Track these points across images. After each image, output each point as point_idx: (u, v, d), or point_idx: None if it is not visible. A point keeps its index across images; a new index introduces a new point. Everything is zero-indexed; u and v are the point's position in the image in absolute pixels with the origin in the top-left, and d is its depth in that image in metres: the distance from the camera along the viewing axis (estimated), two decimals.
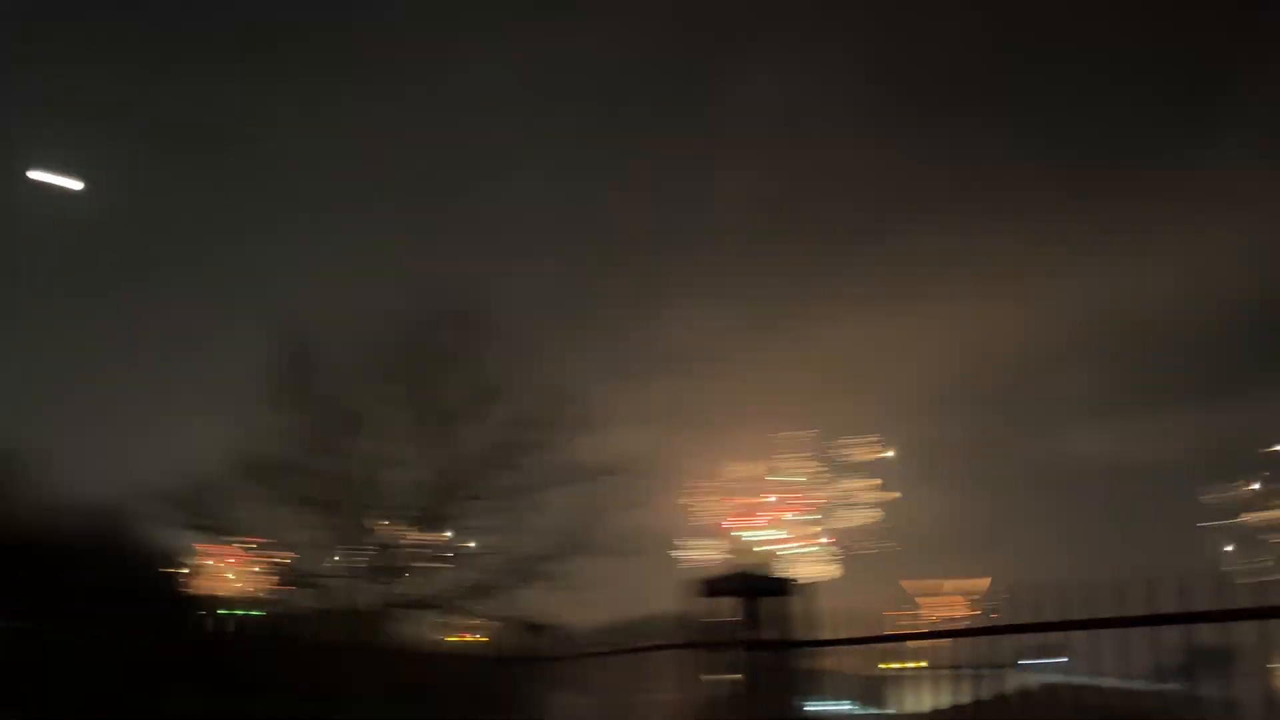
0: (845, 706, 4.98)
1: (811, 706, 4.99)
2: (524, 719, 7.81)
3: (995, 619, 4.17)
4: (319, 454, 19.40)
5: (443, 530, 19.87)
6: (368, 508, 19.37)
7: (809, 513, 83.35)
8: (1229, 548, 72.39)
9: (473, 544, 20.12)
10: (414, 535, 19.60)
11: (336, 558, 19.30)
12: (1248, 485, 72.83)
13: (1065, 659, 4.17)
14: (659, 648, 5.96)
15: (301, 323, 20.12)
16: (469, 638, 19.09)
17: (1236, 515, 73.39)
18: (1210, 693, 3.46)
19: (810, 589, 4.97)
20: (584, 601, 19.90)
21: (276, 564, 19.26)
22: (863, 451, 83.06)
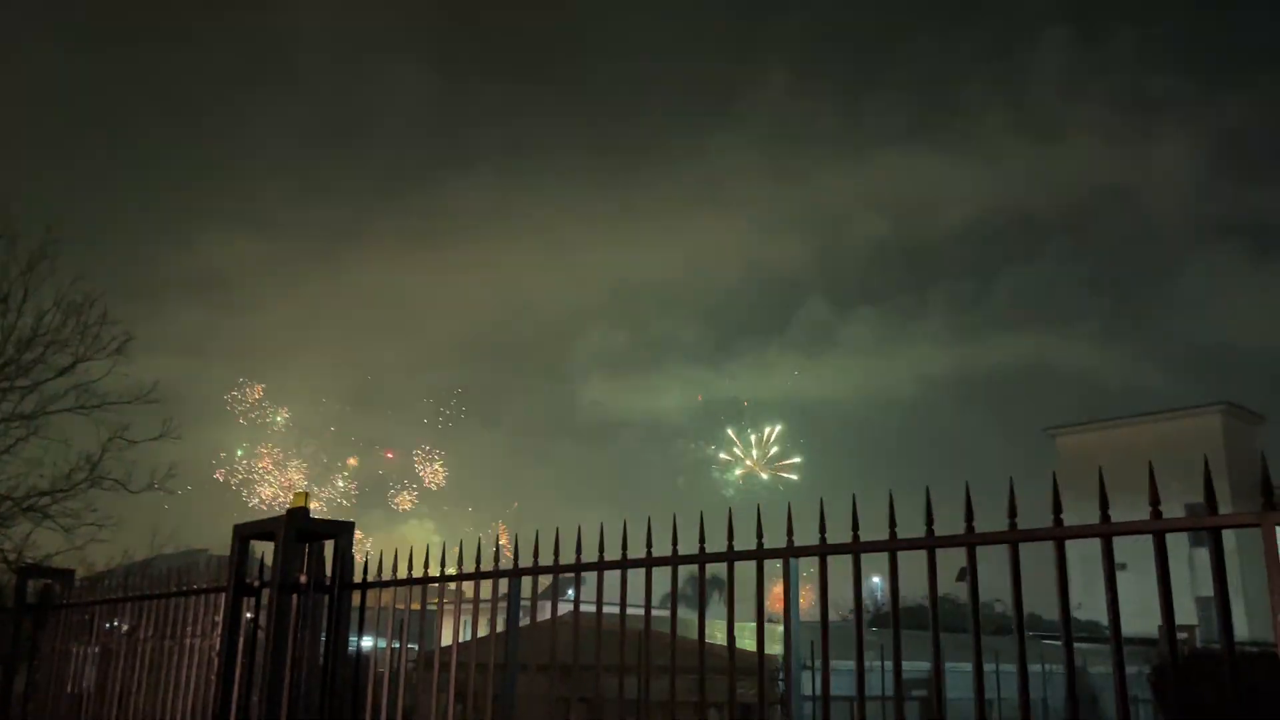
0: (381, 643, 5.15)
1: (350, 644, 5.09)
2: (7, 672, 7.05)
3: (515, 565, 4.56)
4: None
5: None
6: None
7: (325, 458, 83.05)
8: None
9: None
10: None
11: None
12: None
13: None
14: (184, 593, 5.70)
15: None
16: None
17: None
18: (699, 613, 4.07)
19: (348, 532, 5.02)
20: (99, 540, 18.18)
21: None
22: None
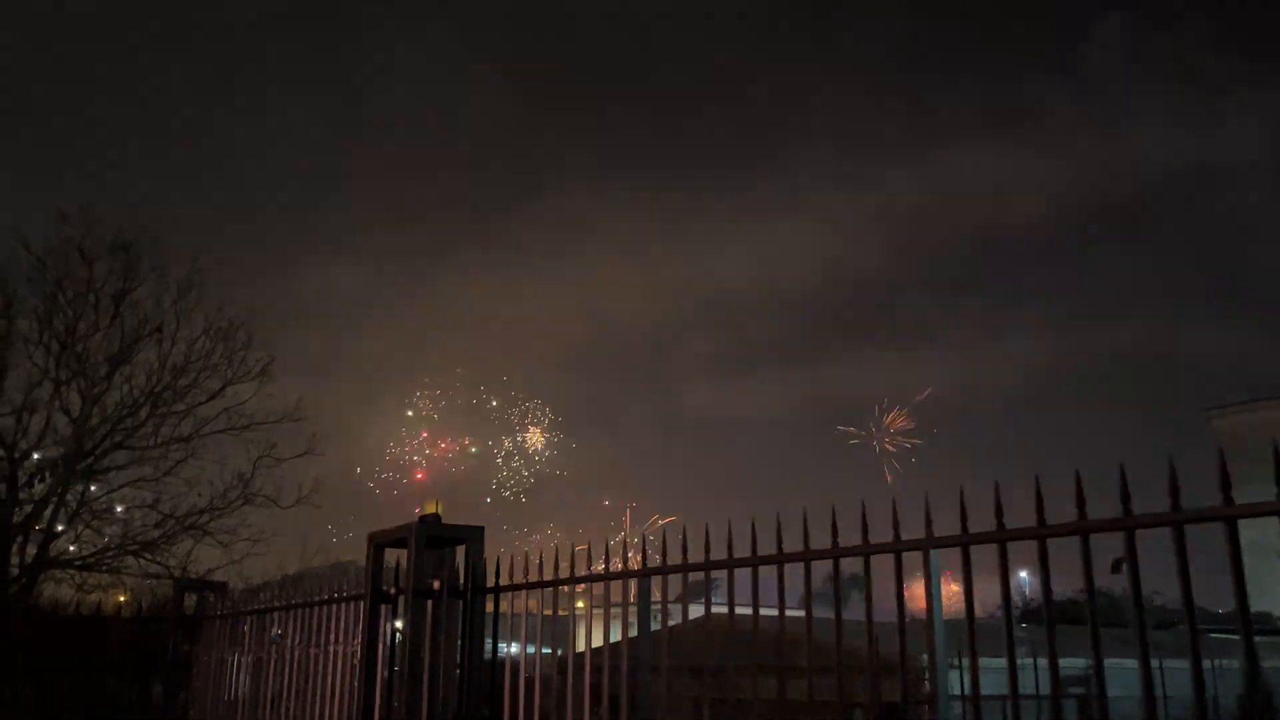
0: (520, 648, 5.14)
1: (494, 649, 5.13)
2: (169, 682, 7.39)
3: (660, 562, 4.47)
4: None
5: (85, 482, 18.14)
6: None
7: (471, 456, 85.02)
8: None
9: (123, 497, 18.59)
10: (50, 488, 17.72)
11: None
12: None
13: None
14: (326, 602, 5.85)
15: None
16: (122, 598, 17.65)
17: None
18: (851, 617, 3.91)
19: (478, 537, 5.04)
20: (255, 554, 19.05)
21: None
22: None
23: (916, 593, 3.70)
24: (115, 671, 7.46)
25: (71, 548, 18.43)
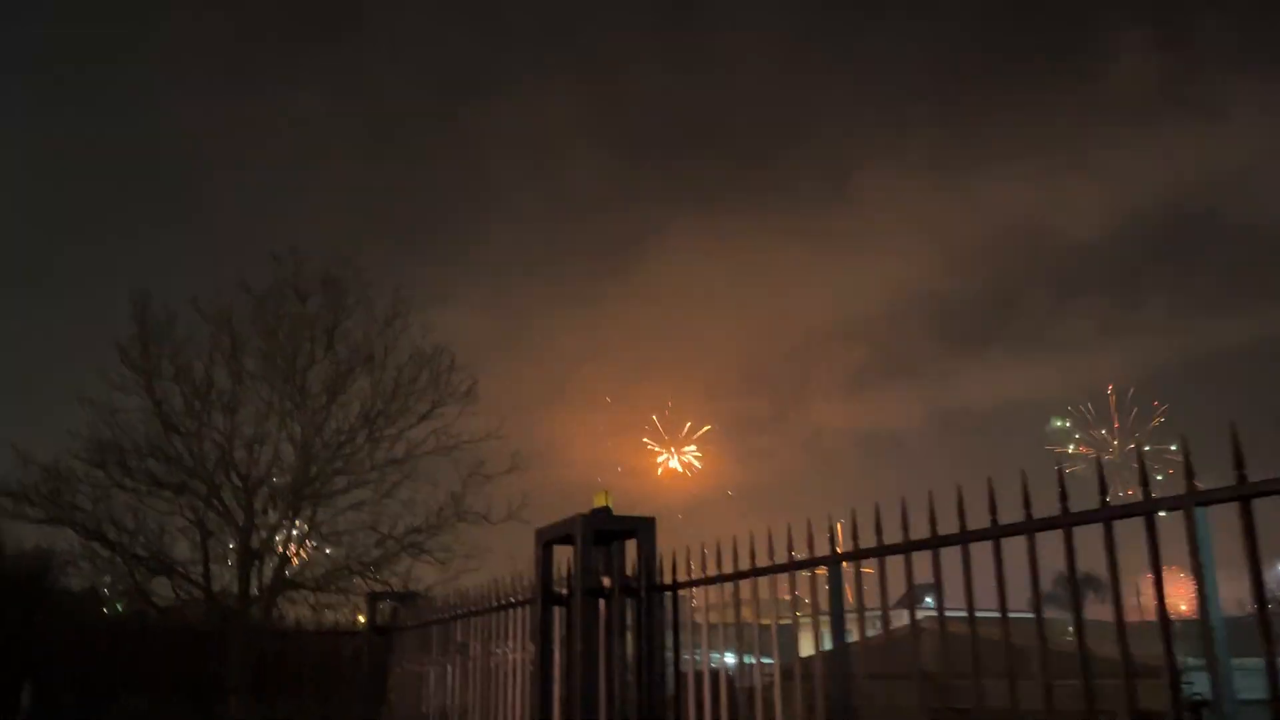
0: (717, 656, 4.57)
1: (675, 657, 4.60)
2: (377, 691, 7.31)
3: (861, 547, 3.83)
4: (176, 434, 18.32)
5: (311, 507, 19.08)
6: (232, 488, 18.41)
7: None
8: None
9: (343, 520, 19.42)
10: (281, 514, 18.74)
11: (204, 542, 18.33)
12: None
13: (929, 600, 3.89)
14: (501, 608, 5.52)
15: (150, 298, 18.98)
16: (350, 616, 18.40)
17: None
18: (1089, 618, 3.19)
19: (649, 527, 4.53)
20: (467, 569, 19.46)
21: (138, 554, 18.21)
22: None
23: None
24: (313, 685, 7.49)
25: (300, 568, 19.38)
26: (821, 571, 3.95)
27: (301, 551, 19.32)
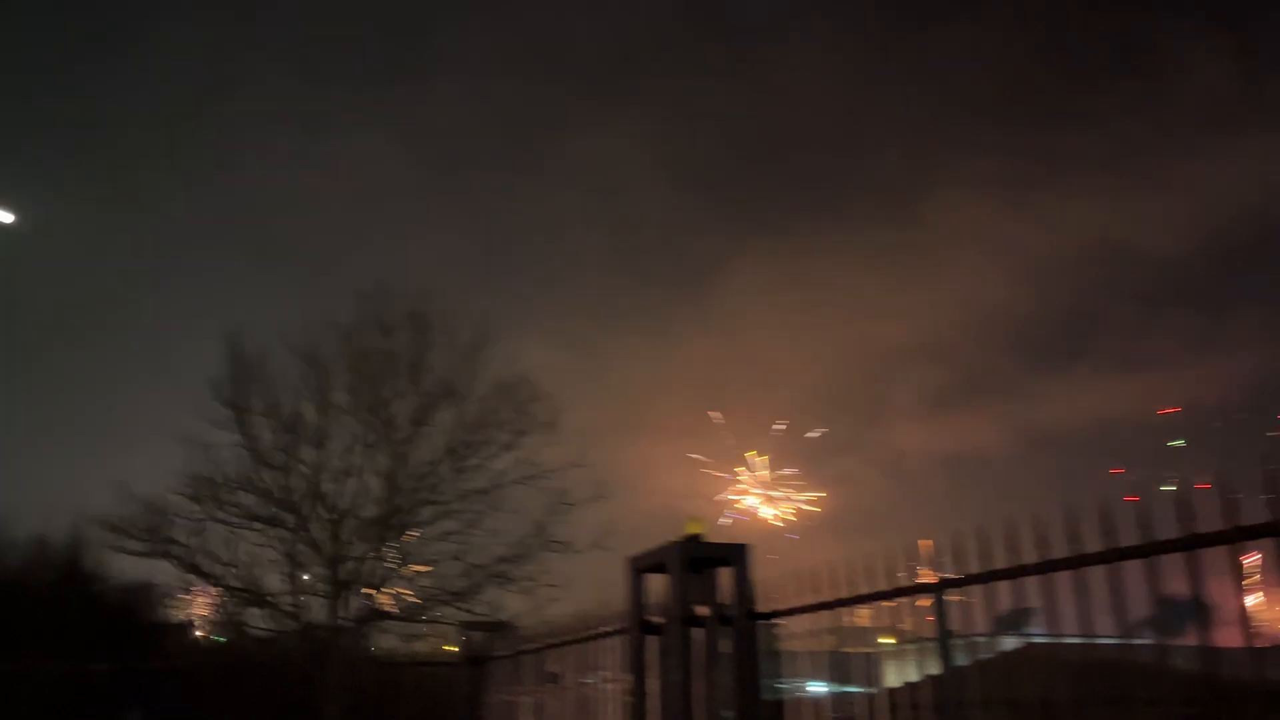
0: (814, 685, 4.50)
1: (773, 686, 4.53)
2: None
3: (954, 574, 3.74)
4: (267, 468, 18.82)
5: (400, 538, 19.37)
6: (321, 520, 18.81)
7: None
8: None
9: (433, 550, 19.67)
10: (371, 545, 19.06)
11: (294, 574, 18.75)
12: None
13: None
14: (594, 637, 5.51)
15: (241, 337, 19.61)
16: (442, 646, 18.60)
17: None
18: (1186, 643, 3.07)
19: (742, 555, 4.49)
20: (553, 598, 19.52)
21: (233, 586, 18.69)
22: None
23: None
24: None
25: (389, 599, 19.66)
26: (925, 601, 3.87)
27: (389, 582, 19.59)
